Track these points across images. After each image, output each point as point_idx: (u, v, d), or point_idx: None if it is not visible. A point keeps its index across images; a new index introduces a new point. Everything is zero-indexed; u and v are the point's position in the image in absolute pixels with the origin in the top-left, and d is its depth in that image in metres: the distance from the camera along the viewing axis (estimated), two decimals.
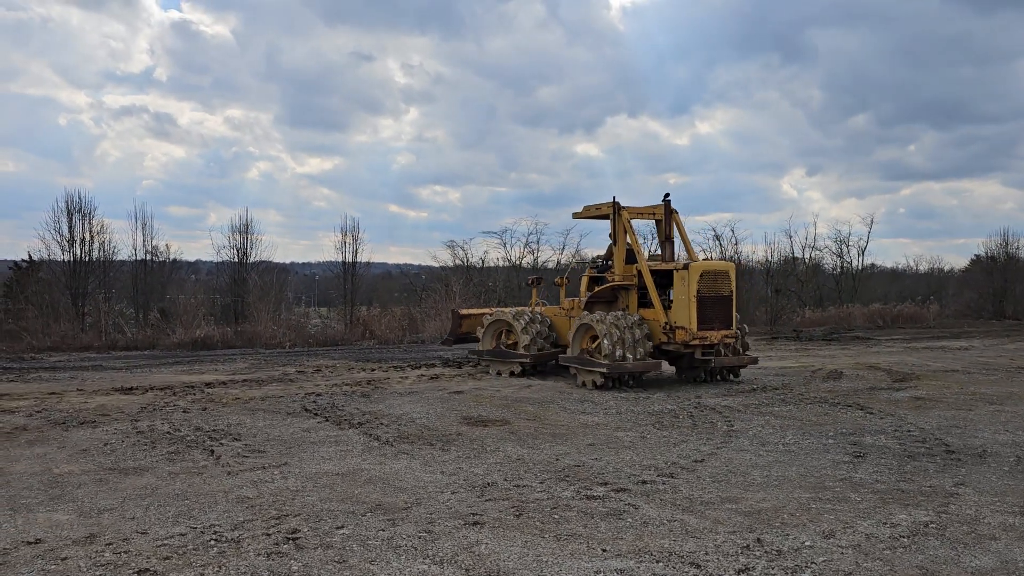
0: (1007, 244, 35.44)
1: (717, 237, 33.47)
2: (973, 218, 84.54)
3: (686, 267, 12.73)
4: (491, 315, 15.01)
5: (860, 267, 37.21)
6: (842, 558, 4.99)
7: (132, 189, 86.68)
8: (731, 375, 13.70)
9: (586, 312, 13.48)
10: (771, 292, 29.94)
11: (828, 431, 9.11)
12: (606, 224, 14.07)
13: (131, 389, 12.45)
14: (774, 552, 5.08)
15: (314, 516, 5.82)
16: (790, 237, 34.40)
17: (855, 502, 6.24)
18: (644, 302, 13.39)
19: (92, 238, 29.84)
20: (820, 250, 36.67)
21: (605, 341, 12.35)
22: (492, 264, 36.29)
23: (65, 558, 4.95)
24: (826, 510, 6.01)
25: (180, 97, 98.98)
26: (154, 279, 32.89)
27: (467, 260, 35.91)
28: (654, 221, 14.52)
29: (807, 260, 35.17)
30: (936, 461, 7.62)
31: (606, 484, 6.74)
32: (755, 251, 42.79)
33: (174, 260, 34.68)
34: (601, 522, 5.70)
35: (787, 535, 5.42)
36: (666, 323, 12.76)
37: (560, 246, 37.87)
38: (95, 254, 30.00)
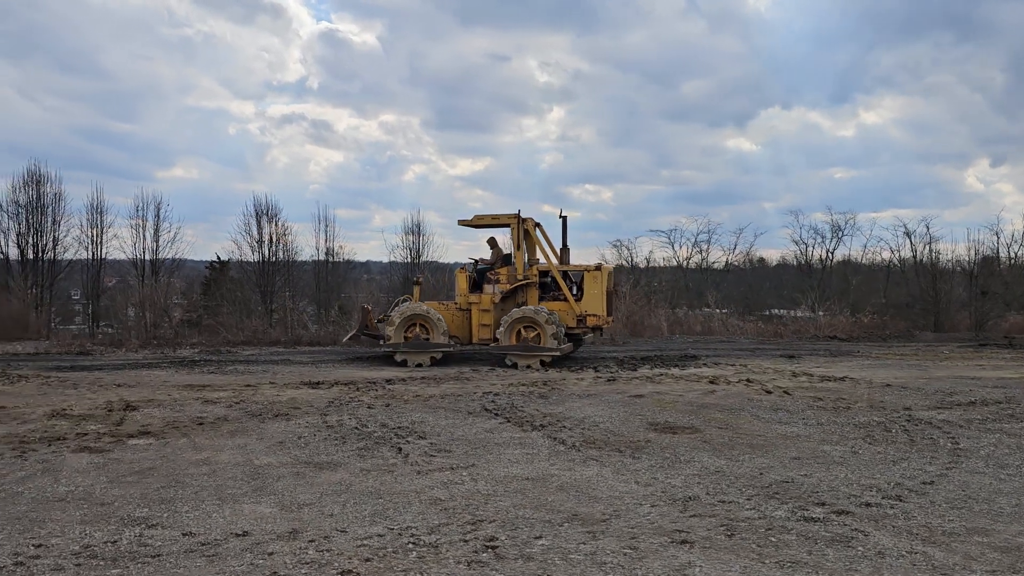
0: None
1: (908, 234, 30.84)
2: None
3: (599, 268, 16.06)
4: (407, 310, 16.09)
5: None
6: None
7: (301, 193, 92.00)
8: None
9: (529, 307, 15.63)
10: (975, 295, 27.07)
11: None
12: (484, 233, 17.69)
13: (318, 384, 12.89)
14: None
15: (509, 523, 5.56)
16: (996, 235, 31.08)
17: None
18: (543, 297, 16.06)
19: (278, 239, 31.95)
20: None
21: (550, 334, 15.03)
22: (655, 264, 35.49)
23: (272, 553, 4.95)
24: None
25: (336, 104, 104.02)
26: (332, 278, 34.63)
27: (631, 260, 35.24)
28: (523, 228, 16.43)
29: (1016, 258, 31.62)
30: None
31: (823, 505, 6.05)
32: (953, 249, 38.93)
33: (348, 260, 36.33)
34: (827, 549, 5.05)
35: None
36: (580, 313, 15.70)
37: (732, 246, 36.43)
38: (280, 255, 32.08)
